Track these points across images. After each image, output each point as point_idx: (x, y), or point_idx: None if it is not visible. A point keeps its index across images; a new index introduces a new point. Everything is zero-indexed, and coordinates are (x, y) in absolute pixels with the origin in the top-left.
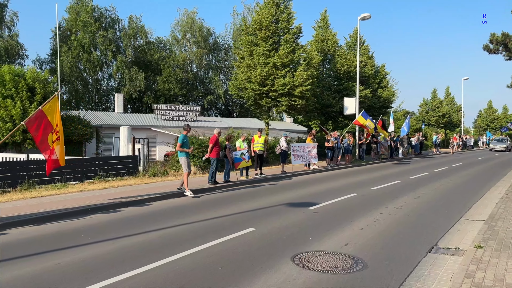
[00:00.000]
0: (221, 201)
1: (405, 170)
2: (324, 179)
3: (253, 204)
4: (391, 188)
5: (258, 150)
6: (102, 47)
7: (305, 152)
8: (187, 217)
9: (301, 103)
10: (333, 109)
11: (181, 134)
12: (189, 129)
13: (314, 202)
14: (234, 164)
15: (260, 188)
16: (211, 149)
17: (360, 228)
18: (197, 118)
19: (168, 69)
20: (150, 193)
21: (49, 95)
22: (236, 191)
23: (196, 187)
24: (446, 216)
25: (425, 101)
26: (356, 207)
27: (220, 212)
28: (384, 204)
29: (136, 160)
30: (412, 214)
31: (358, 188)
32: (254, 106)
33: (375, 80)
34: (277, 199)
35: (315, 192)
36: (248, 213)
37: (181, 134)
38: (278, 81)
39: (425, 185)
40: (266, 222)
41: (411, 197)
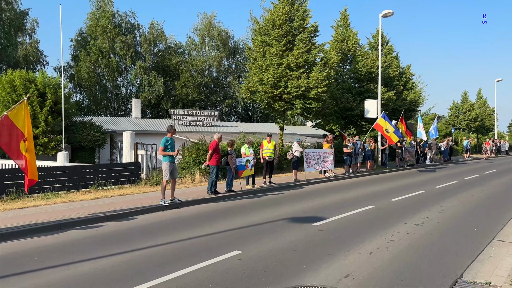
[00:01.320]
0: (213, 214)
1: (432, 178)
2: (339, 189)
3: (248, 219)
4: (414, 200)
5: (267, 156)
6: (121, 53)
7: (320, 158)
8: (166, 235)
9: (316, 106)
10: (354, 113)
11: (164, 137)
12: (173, 131)
13: (321, 216)
14: (238, 172)
15: (264, 199)
16: (210, 156)
17: (369, 252)
18: (215, 123)
19: (186, 74)
20: (141, 205)
21: (60, 100)
22: (236, 202)
23: (194, 197)
24: (475, 235)
25: (455, 104)
26: (369, 223)
27: (206, 229)
28: (403, 219)
29: (139, 167)
30: (434, 233)
31: (376, 200)
32: (268, 110)
33: (400, 82)
34: (279, 212)
35: (325, 204)
36: (238, 231)
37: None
38: (291, 82)
39: (453, 196)
40: (257, 243)
41: (435, 211)
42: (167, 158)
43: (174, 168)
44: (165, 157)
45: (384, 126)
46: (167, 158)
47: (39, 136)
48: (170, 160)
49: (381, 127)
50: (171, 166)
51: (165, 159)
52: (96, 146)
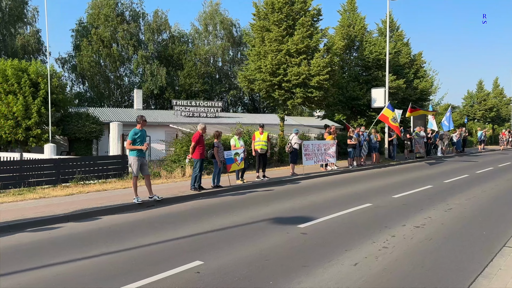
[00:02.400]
0: (189, 214)
1: (441, 172)
2: (339, 184)
3: (226, 219)
4: (418, 196)
5: (259, 149)
6: (123, 42)
7: (321, 150)
8: (124, 241)
9: (318, 95)
10: (360, 102)
11: (133, 129)
12: (143, 122)
13: (310, 216)
14: (226, 166)
15: (252, 195)
16: (193, 149)
17: (354, 263)
18: (218, 114)
19: (189, 64)
20: (111, 204)
21: (54, 90)
22: (220, 199)
23: (175, 193)
24: (483, 241)
25: (470, 93)
26: (362, 225)
27: (173, 233)
28: (402, 220)
29: (126, 160)
30: (435, 238)
31: (376, 196)
32: (267, 99)
33: (411, 70)
34: (264, 211)
35: (318, 201)
36: (209, 235)
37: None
38: (291, 70)
39: (462, 192)
40: (224, 251)
41: (440, 209)
42: (134, 153)
43: (143, 163)
44: (132, 151)
45: (390, 116)
46: (135, 152)
47: (32, 128)
48: (138, 155)
49: (387, 118)
50: (140, 161)
51: (132, 153)
52: (93, 137)
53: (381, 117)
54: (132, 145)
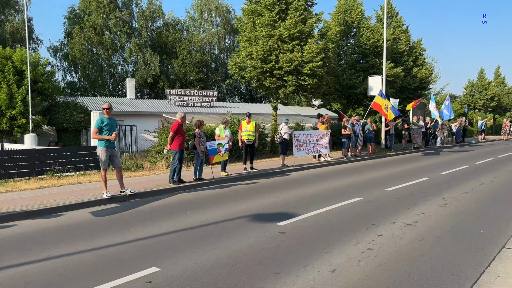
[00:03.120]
0: (161, 210)
1: (439, 163)
2: (330, 176)
3: (200, 217)
4: (412, 190)
5: (246, 139)
6: (115, 29)
7: (313, 141)
8: (79, 242)
9: (311, 83)
10: (357, 91)
11: (99, 117)
12: (108, 109)
13: (292, 212)
14: (209, 157)
15: (235, 189)
16: (171, 139)
17: (332, 269)
18: (214, 104)
19: (184, 52)
20: (80, 199)
21: (40, 78)
22: (199, 193)
23: (152, 187)
24: (480, 241)
25: (471, 82)
26: (347, 222)
27: (136, 232)
28: (392, 217)
29: None
30: (427, 238)
31: (367, 190)
32: (259, 88)
33: (410, 58)
34: (244, 207)
35: (305, 195)
36: (173, 236)
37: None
38: (283, 56)
39: (459, 185)
40: (187, 254)
41: (435, 204)
42: (102, 143)
43: (113, 155)
44: (100, 142)
45: (383, 104)
46: (103, 142)
47: (17, 117)
48: (106, 145)
49: (380, 106)
50: (109, 152)
51: (100, 144)
52: (81, 127)
53: (373, 106)
54: (98, 134)
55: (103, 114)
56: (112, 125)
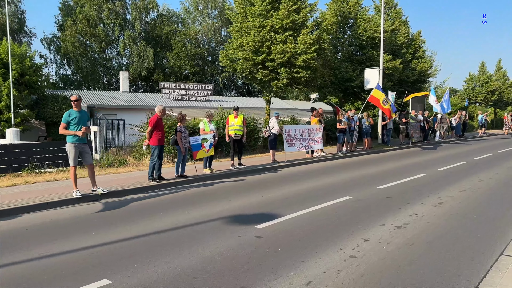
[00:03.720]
0: (131, 212)
1: (437, 158)
2: (322, 172)
3: (170, 220)
4: (407, 187)
5: (233, 134)
6: (109, 21)
7: (305, 136)
8: (37, 247)
9: (305, 75)
10: (353, 84)
11: (68, 111)
12: (77, 101)
13: (274, 214)
14: (192, 153)
15: (217, 187)
16: (150, 134)
17: (307, 281)
18: (209, 98)
19: (179, 44)
20: (48, 198)
21: (27, 71)
22: (178, 193)
23: (129, 185)
24: (476, 247)
25: (472, 76)
26: (332, 224)
27: (97, 237)
28: (382, 218)
29: (90, 146)
30: (417, 243)
31: (359, 187)
32: (251, 81)
33: (409, 50)
34: (222, 208)
35: (292, 194)
36: (137, 242)
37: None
38: (275, 47)
39: (457, 182)
40: (146, 264)
41: (429, 204)
42: (70, 138)
43: (84, 151)
44: (68, 137)
45: (381, 98)
46: (71, 138)
47: (3, 111)
48: (75, 141)
49: (377, 100)
50: (78, 148)
51: (68, 139)
52: None
53: (370, 99)
54: (66, 129)
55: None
56: (81, 119)
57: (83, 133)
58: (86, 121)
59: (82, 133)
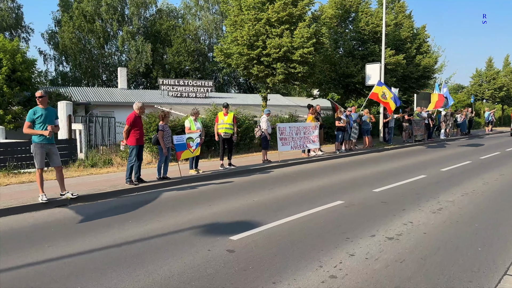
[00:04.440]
0: (95, 221)
1: (440, 158)
2: (317, 173)
3: (137, 229)
4: (405, 190)
5: (223, 133)
6: (107, 17)
7: (300, 134)
8: None
9: (302, 71)
10: (355, 80)
11: (33, 108)
12: (41, 97)
13: (255, 221)
14: (176, 153)
15: (201, 190)
16: (127, 133)
17: None
18: (209, 94)
19: (178, 40)
20: (13, 203)
21: (19, 67)
22: (156, 196)
23: (103, 188)
24: (477, 264)
25: (479, 72)
26: (316, 235)
27: (48, 252)
28: (374, 226)
29: (74, 145)
30: (408, 260)
31: (353, 190)
32: (246, 76)
33: (413, 45)
34: (198, 214)
35: (279, 198)
36: (91, 256)
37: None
38: (270, 41)
39: (459, 184)
40: (94, 286)
41: (427, 210)
42: (36, 138)
43: (52, 152)
44: (33, 137)
45: (380, 92)
46: (36, 137)
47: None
48: (41, 141)
49: (376, 94)
50: (45, 149)
51: (34, 139)
52: None
53: (371, 96)
54: (31, 128)
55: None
56: (48, 117)
57: (50, 133)
58: (53, 119)
59: (49, 133)
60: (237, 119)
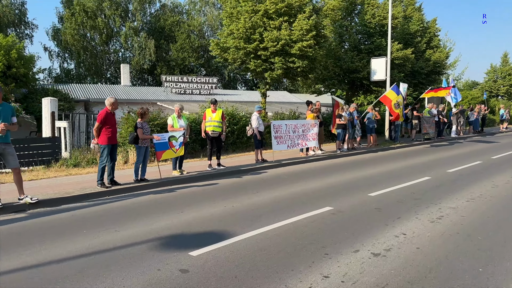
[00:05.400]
0: (46, 230)
1: (448, 157)
2: (312, 174)
3: (87, 241)
4: (404, 194)
5: (211, 131)
6: (109, 12)
7: (298, 132)
8: None
9: (301, 65)
10: (360, 75)
11: None
12: None
13: (225, 232)
14: (156, 153)
15: (179, 193)
16: (97, 131)
17: None
18: (214, 91)
19: (182, 36)
20: None
21: (14, 63)
22: (126, 201)
23: (71, 191)
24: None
25: (493, 67)
26: (290, 250)
27: None
28: (359, 240)
29: (57, 143)
30: (392, 284)
31: (346, 194)
32: (243, 71)
33: (423, 39)
34: (163, 223)
35: (262, 203)
36: (22, 275)
37: None
38: (267, 34)
39: (466, 187)
40: None
41: (425, 218)
42: None
43: (6, 152)
44: None
45: (394, 99)
46: None
47: None
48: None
49: (390, 101)
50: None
51: None
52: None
53: (383, 99)
54: None
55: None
56: (1, 114)
57: (3, 131)
58: (9, 116)
59: (1, 130)
60: (234, 117)
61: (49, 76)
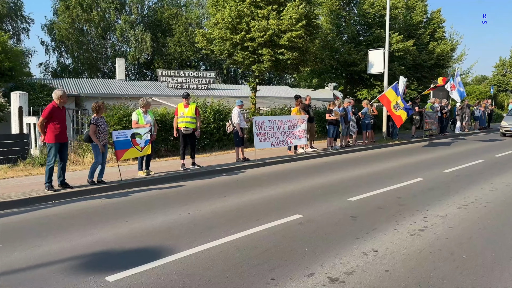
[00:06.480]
0: None
1: (448, 155)
2: (293, 175)
3: (8, 257)
4: (388, 199)
5: (183, 127)
6: (104, 5)
7: (283, 129)
8: None
9: (291, 57)
10: (357, 68)
11: None
12: None
13: (166, 248)
14: (116, 152)
15: (135, 197)
16: (42, 127)
17: None
18: (211, 86)
19: (180, 29)
20: None
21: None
22: (72, 206)
23: (13, 195)
24: None
25: (502, 61)
26: (231, 273)
27: None
28: (318, 259)
29: (25, 141)
30: None
31: (323, 198)
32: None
33: (426, 31)
34: (98, 236)
35: (225, 210)
36: None
37: None
38: (254, 23)
39: (460, 191)
40: None
41: (405, 231)
42: None
43: None
44: None
45: (393, 101)
46: None
47: None
48: None
49: (389, 102)
50: None
51: None
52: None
53: (381, 98)
54: None
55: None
56: None
57: None
58: None
59: None
60: (220, 112)
61: (45, 71)
